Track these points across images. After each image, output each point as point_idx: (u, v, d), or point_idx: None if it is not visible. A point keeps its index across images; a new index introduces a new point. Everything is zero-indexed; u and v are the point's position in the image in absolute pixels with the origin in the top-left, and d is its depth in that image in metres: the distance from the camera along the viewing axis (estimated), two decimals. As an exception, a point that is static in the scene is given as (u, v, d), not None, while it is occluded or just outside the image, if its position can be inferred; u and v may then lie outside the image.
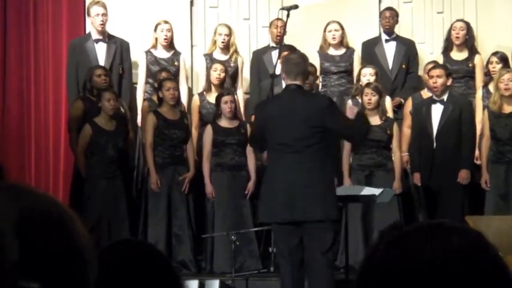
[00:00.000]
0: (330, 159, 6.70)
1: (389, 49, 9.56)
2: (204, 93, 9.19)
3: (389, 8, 9.64)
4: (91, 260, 1.28)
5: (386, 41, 9.57)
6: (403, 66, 9.51)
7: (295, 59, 6.84)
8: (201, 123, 9.07)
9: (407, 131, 8.77)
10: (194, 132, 9.02)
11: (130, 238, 6.16)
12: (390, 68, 9.51)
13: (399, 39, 9.60)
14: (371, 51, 9.56)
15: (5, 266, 1.17)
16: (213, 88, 9.07)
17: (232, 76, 9.43)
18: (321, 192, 6.45)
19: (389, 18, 9.52)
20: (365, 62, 9.41)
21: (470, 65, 9.31)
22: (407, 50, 9.56)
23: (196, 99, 9.24)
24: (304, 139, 6.48)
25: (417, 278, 1.31)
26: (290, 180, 6.46)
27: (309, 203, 6.43)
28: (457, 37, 9.29)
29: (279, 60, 8.92)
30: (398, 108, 9.27)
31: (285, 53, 9.01)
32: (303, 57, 7.00)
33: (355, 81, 9.10)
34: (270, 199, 6.58)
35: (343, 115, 6.86)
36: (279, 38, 9.22)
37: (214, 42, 9.53)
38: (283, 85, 9.06)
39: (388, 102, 8.92)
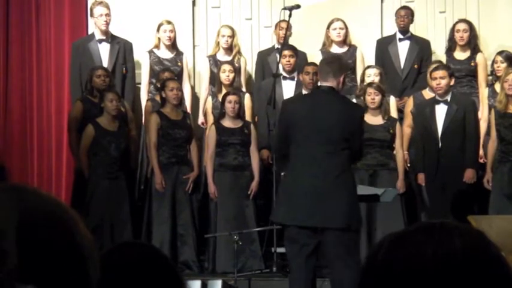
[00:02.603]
0: (350, 165, 6.46)
1: (403, 48, 9.52)
2: (217, 94, 9.17)
3: (405, 7, 9.60)
4: (93, 261, 1.28)
5: (400, 39, 9.52)
6: (416, 65, 9.46)
7: (327, 58, 6.68)
8: None
9: (407, 130, 8.77)
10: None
11: (133, 240, 6.17)
12: (402, 67, 9.49)
13: (414, 39, 9.54)
14: (385, 49, 9.53)
15: (5, 268, 1.17)
16: (223, 89, 9.06)
17: (235, 76, 9.44)
18: (343, 199, 6.23)
19: (404, 17, 9.47)
20: (378, 60, 9.41)
21: (472, 63, 9.28)
22: (421, 49, 9.50)
23: (209, 101, 9.25)
24: (331, 144, 6.26)
25: (419, 277, 1.31)
26: (313, 185, 6.23)
27: (331, 210, 6.20)
28: (461, 39, 9.27)
29: (281, 60, 8.97)
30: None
31: (286, 52, 9.05)
32: (337, 58, 6.86)
33: (359, 82, 9.07)
34: (290, 201, 6.34)
35: (363, 132, 6.66)
36: (283, 39, 9.22)
37: (218, 44, 9.53)
38: (283, 85, 9.11)
39: (391, 101, 8.93)
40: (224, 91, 8.97)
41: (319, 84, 6.59)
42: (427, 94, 8.90)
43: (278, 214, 6.60)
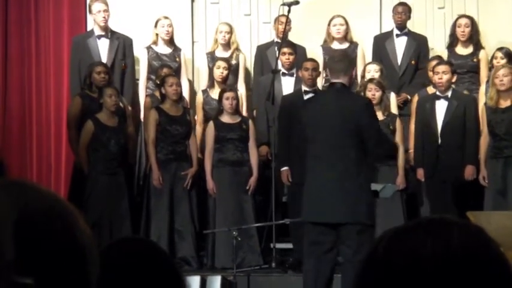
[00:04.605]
0: (365, 163, 6.63)
1: (400, 44, 9.50)
2: (208, 89, 9.20)
3: (402, 3, 9.57)
4: (92, 257, 1.28)
5: (397, 36, 9.50)
6: (413, 62, 9.44)
7: (335, 56, 6.85)
8: (205, 120, 9.08)
9: (414, 128, 8.74)
10: (199, 129, 9.03)
11: (132, 236, 6.17)
12: (399, 63, 9.47)
13: (411, 35, 9.52)
14: (382, 45, 9.52)
15: (2, 260, 1.17)
16: (216, 85, 9.07)
17: (233, 73, 9.43)
18: (355, 195, 6.42)
19: (402, 13, 9.45)
20: (375, 56, 9.40)
21: (474, 59, 9.25)
22: (418, 45, 9.48)
23: (200, 96, 9.26)
24: (342, 141, 6.44)
25: (418, 273, 1.31)
26: (327, 183, 6.44)
27: (344, 206, 6.40)
28: (462, 34, 9.25)
29: (280, 57, 8.97)
30: (404, 104, 9.23)
31: (285, 50, 9.05)
32: (345, 55, 7.00)
33: (359, 78, 9.07)
34: (310, 200, 6.57)
35: (377, 122, 6.84)
36: (282, 33, 9.22)
37: (216, 41, 9.55)
38: (282, 81, 9.11)
39: (392, 98, 8.92)
40: (216, 87, 8.99)
41: (332, 81, 6.73)
42: (432, 91, 8.87)
43: (303, 212, 6.78)
